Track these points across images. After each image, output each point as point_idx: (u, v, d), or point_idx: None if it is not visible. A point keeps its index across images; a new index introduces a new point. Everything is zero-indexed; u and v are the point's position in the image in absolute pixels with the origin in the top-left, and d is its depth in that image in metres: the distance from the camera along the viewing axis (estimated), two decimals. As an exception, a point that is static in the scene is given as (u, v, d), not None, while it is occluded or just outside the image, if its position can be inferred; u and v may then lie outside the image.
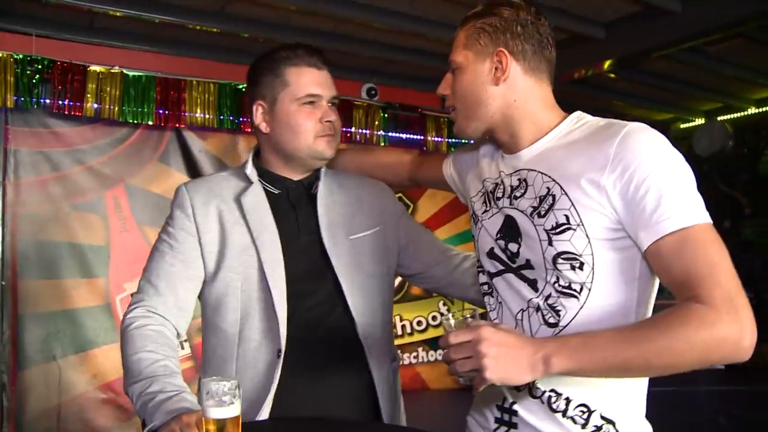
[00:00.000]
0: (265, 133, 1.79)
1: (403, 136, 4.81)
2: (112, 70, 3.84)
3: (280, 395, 1.66)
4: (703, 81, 4.79)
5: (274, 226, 1.74)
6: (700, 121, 5.74)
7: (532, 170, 1.42)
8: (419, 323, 4.86)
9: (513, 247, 1.42)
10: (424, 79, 4.88)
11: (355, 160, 2.00)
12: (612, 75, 4.50)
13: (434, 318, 4.77)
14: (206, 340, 1.80)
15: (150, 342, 1.60)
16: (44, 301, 3.74)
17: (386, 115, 4.78)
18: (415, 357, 4.93)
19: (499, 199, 1.48)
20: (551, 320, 1.35)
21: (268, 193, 1.79)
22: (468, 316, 1.31)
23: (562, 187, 1.33)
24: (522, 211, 1.40)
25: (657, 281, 1.33)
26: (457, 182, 1.75)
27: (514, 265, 1.42)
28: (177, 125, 4.11)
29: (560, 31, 3.84)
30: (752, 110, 5.40)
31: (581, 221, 1.29)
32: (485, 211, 1.52)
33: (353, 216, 1.83)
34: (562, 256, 1.32)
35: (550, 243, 1.33)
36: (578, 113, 1.46)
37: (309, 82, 1.75)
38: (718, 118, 5.48)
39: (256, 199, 1.76)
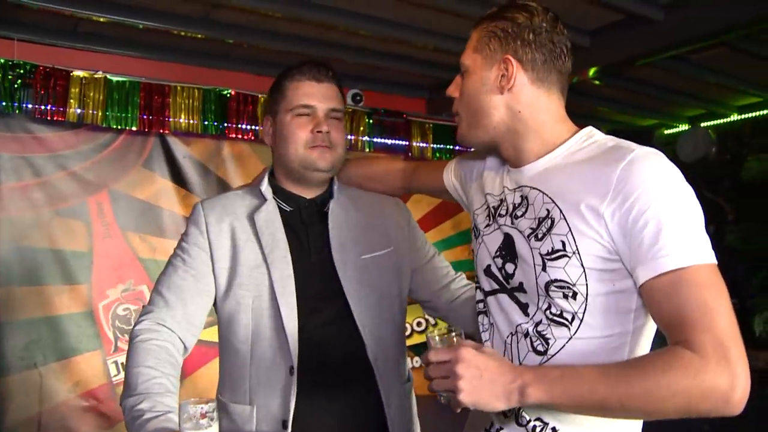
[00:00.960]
0: (271, 146, 1.86)
1: (389, 141, 4.81)
2: (96, 76, 3.81)
3: (299, 412, 1.68)
4: (687, 88, 4.83)
5: (286, 244, 1.76)
6: (684, 127, 5.79)
7: (534, 188, 1.35)
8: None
9: (509, 267, 1.37)
10: (409, 85, 4.90)
11: (347, 174, 1.96)
12: (597, 82, 4.52)
13: (419, 324, 4.76)
14: (222, 357, 1.83)
15: (152, 357, 1.62)
16: (25, 307, 3.70)
17: (371, 121, 4.77)
18: (400, 363, 4.89)
19: (501, 216, 1.42)
20: (540, 348, 1.30)
21: (281, 210, 1.80)
22: (453, 332, 1.30)
23: (561, 211, 1.27)
24: (521, 232, 1.34)
25: None
26: (459, 191, 1.70)
27: (509, 286, 1.38)
28: (161, 131, 4.08)
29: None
30: (735, 117, 5.44)
31: (577, 249, 1.23)
32: (487, 226, 1.47)
33: (366, 235, 1.84)
34: (554, 284, 1.26)
35: (544, 268, 1.28)
36: (589, 129, 1.38)
37: (304, 93, 1.78)
38: (702, 125, 5.52)
39: (269, 216, 1.78)
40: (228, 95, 4.21)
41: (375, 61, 4.20)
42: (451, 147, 5.07)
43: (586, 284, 1.24)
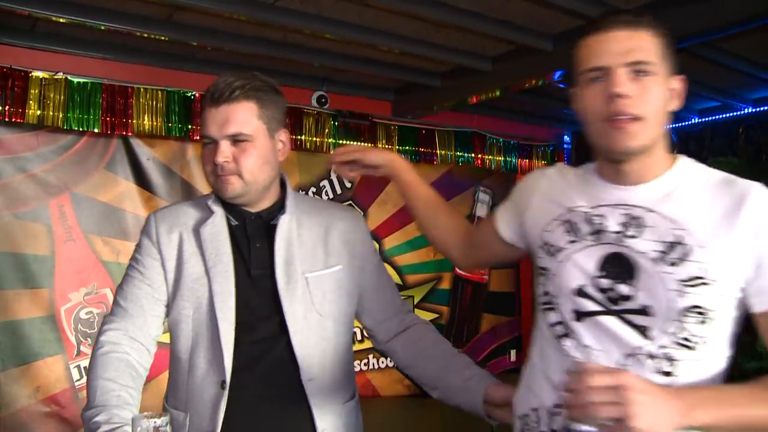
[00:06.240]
0: None
1: (354, 143, 4.81)
2: (56, 76, 3.76)
3: (226, 427, 1.67)
4: (648, 91, 4.89)
5: (230, 258, 1.74)
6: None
7: (651, 211, 1.32)
8: (370, 331, 4.85)
9: (622, 288, 1.32)
10: (374, 87, 4.90)
11: (425, 200, 1.93)
12: (561, 85, 4.56)
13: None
14: (170, 363, 1.83)
15: (111, 369, 1.63)
16: (-16, 313, 3.63)
17: (336, 123, 4.77)
18: (365, 364, 4.92)
19: (598, 231, 1.37)
20: (666, 369, 1.29)
21: (230, 223, 1.79)
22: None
23: (696, 240, 1.27)
24: (642, 253, 1.31)
25: None
26: (516, 228, 1.61)
27: (617, 308, 1.32)
28: (124, 133, 4.03)
29: (509, 43, 3.88)
30: (696, 120, 5.54)
31: (718, 277, 1.25)
32: (572, 242, 1.39)
33: (314, 251, 1.80)
34: (692, 310, 1.27)
35: (681, 294, 1.27)
36: (689, 159, 1.40)
37: (205, 122, 1.70)
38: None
39: (215, 230, 1.76)
40: (192, 97, 4.19)
41: (340, 64, 4.20)
42: (417, 149, 5.10)
43: (722, 311, 1.28)
